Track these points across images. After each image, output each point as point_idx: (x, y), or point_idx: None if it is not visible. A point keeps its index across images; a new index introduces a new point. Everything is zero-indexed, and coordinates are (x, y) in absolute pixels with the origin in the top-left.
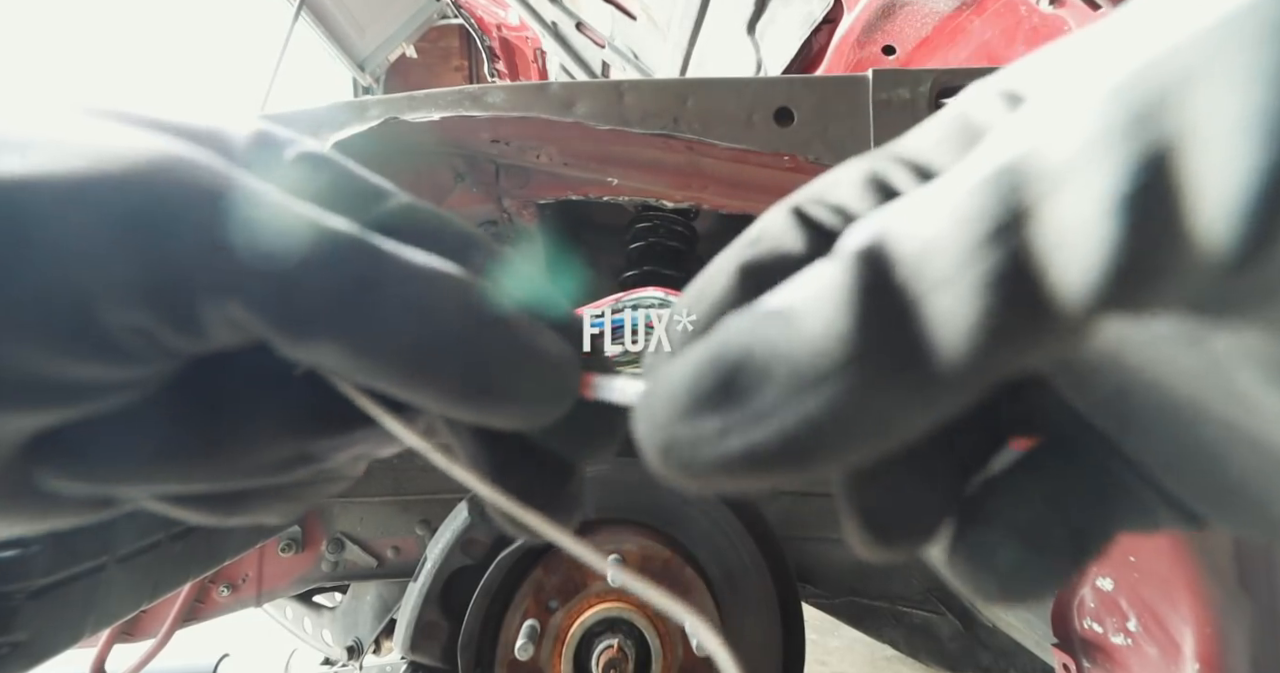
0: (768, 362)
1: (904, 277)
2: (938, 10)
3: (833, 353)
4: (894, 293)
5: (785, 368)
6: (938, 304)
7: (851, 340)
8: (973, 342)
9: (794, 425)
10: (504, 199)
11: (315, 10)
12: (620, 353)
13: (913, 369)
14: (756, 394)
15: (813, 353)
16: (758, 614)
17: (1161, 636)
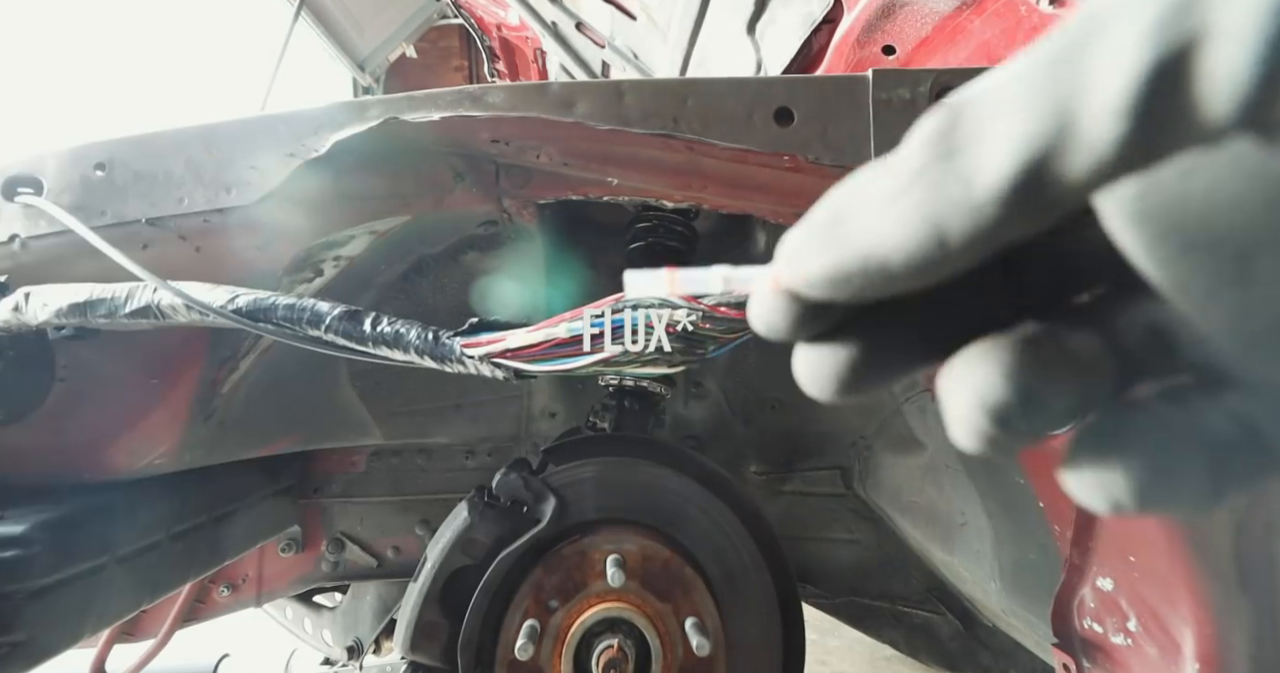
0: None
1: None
2: (938, 10)
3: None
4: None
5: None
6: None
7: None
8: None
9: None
10: (504, 199)
11: (315, 10)
12: (620, 353)
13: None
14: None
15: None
16: (758, 614)
17: (1161, 636)
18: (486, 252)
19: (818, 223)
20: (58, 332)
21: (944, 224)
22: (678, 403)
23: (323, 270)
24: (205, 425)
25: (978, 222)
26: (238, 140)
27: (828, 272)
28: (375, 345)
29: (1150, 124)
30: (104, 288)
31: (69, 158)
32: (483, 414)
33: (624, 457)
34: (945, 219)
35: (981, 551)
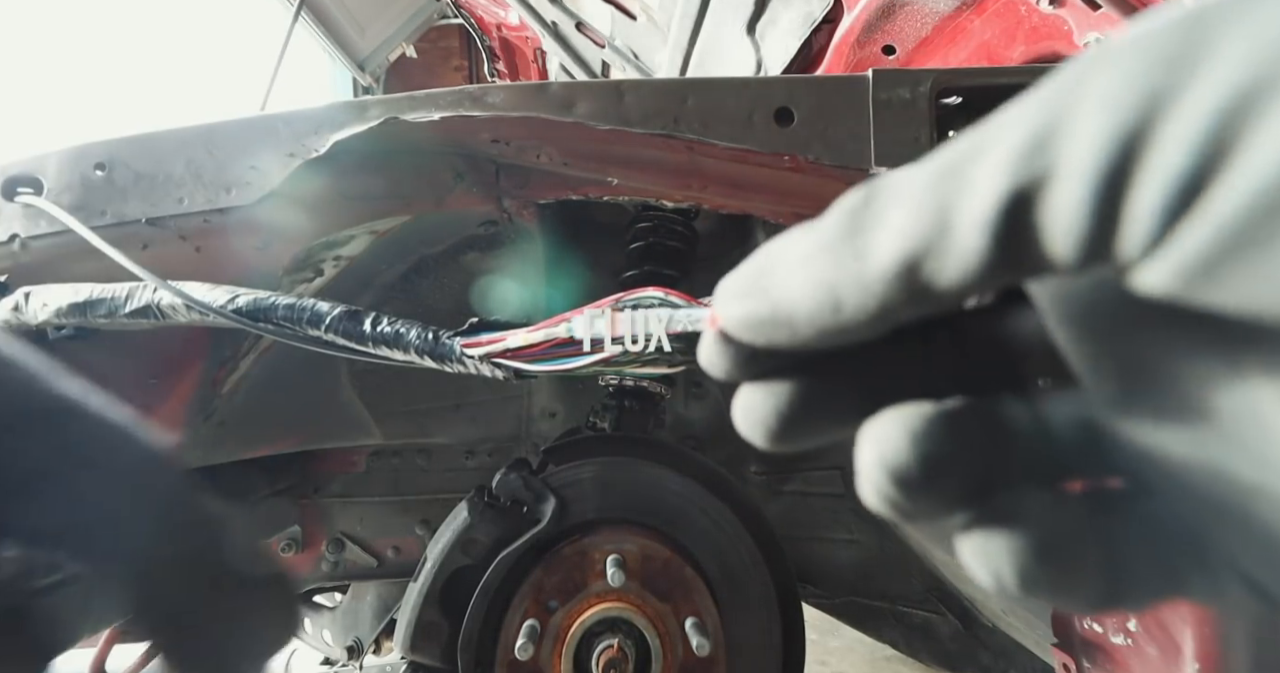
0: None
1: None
2: (938, 10)
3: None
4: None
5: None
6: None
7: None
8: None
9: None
10: (504, 199)
11: (315, 10)
12: (620, 353)
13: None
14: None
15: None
16: (758, 614)
17: (1161, 636)
18: (486, 252)
19: (748, 271)
20: (58, 332)
21: (839, 294)
22: (678, 403)
23: (323, 270)
24: (205, 425)
25: (866, 297)
26: (238, 140)
27: (745, 317)
28: (375, 345)
29: (1009, 246)
30: (104, 288)
31: (69, 158)
32: (483, 414)
33: (624, 457)
34: (841, 289)
35: None
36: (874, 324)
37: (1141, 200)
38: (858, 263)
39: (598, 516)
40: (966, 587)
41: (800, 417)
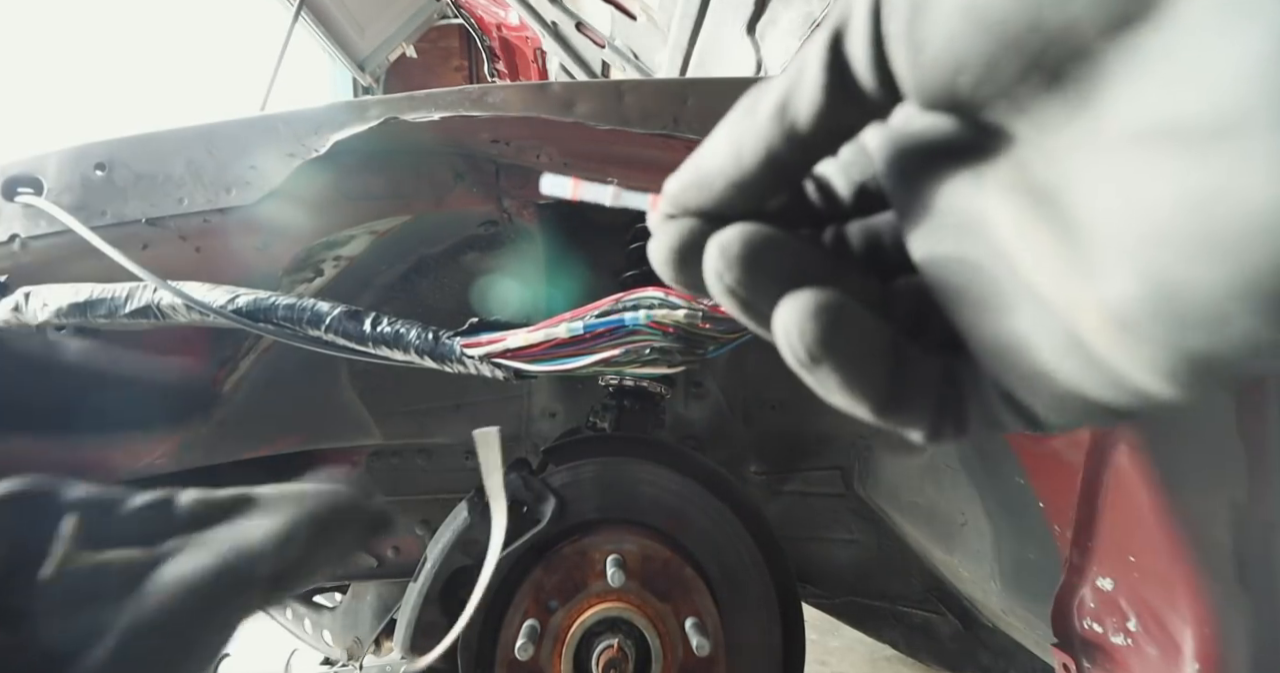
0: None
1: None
2: None
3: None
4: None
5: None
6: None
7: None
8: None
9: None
10: (504, 199)
11: (315, 10)
12: (620, 353)
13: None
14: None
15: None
16: (758, 614)
17: (1161, 636)
18: (486, 252)
19: (680, 170)
20: (58, 332)
21: (739, 145)
22: (678, 403)
23: (323, 270)
24: (205, 425)
25: (756, 142)
26: (238, 140)
27: (677, 187)
28: (375, 345)
29: (836, 77)
30: (104, 288)
31: (69, 158)
32: (483, 414)
33: (624, 457)
34: (740, 141)
35: (981, 551)
36: (765, 167)
37: (890, 26)
38: (750, 118)
39: (598, 515)
40: (966, 587)
41: (700, 245)
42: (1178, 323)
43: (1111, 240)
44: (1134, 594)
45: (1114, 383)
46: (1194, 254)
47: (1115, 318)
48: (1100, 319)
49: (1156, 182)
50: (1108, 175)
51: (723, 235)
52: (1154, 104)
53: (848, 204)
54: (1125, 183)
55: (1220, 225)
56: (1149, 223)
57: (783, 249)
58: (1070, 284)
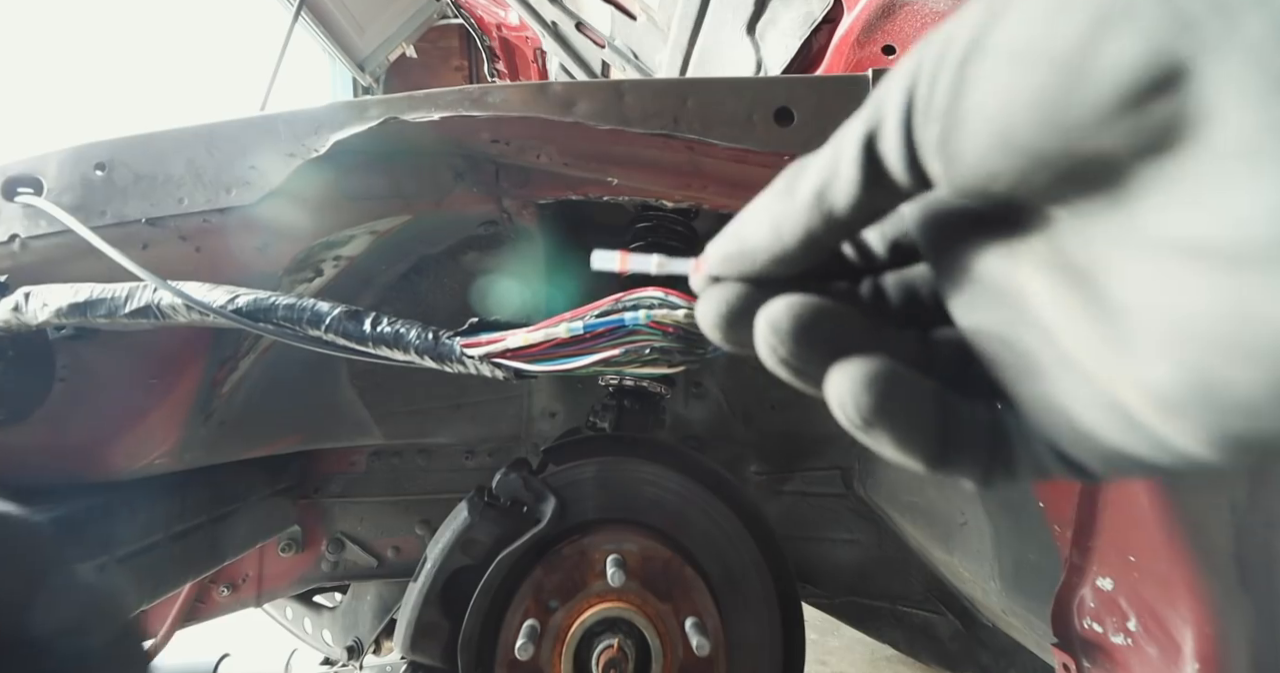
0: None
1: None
2: (938, 10)
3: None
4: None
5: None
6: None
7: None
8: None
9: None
10: (504, 199)
11: (315, 10)
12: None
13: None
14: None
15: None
16: (758, 614)
17: (1161, 636)
18: (486, 252)
19: (725, 230)
20: (58, 332)
21: (779, 223)
22: (678, 403)
23: (323, 270)
24: (205, 425)
25: (795, 222)
26: (238, 140)
27: (720, 255)
28: (375, 345)
29: (870, 170)
30: (104, 288)
31: (69, 158)
32: (483, 414)
33: (624, 457)
34: (780, 220)
35: (981, 550)
36: (804, 246)
37: (922, 135)
38: (790, 199)
39: (598, 515)
40: (966, 587)
41: (747, 310)
42: (1218, 410)
43: (1152, 331)
44: (1134, 594)
45: (1160, 447)
46: (1231, 358)
47: (1157, 397)
48: (1143, 396)
49: (1194, 288)
50: (1146, 272)
51: (771, 309)
52: (1188, 220)
53: (883, 258)
54: (1164, 283)
55: (1254, 338)
56: (1188, 323)
57: (829, 319)
58: (1111, 359)
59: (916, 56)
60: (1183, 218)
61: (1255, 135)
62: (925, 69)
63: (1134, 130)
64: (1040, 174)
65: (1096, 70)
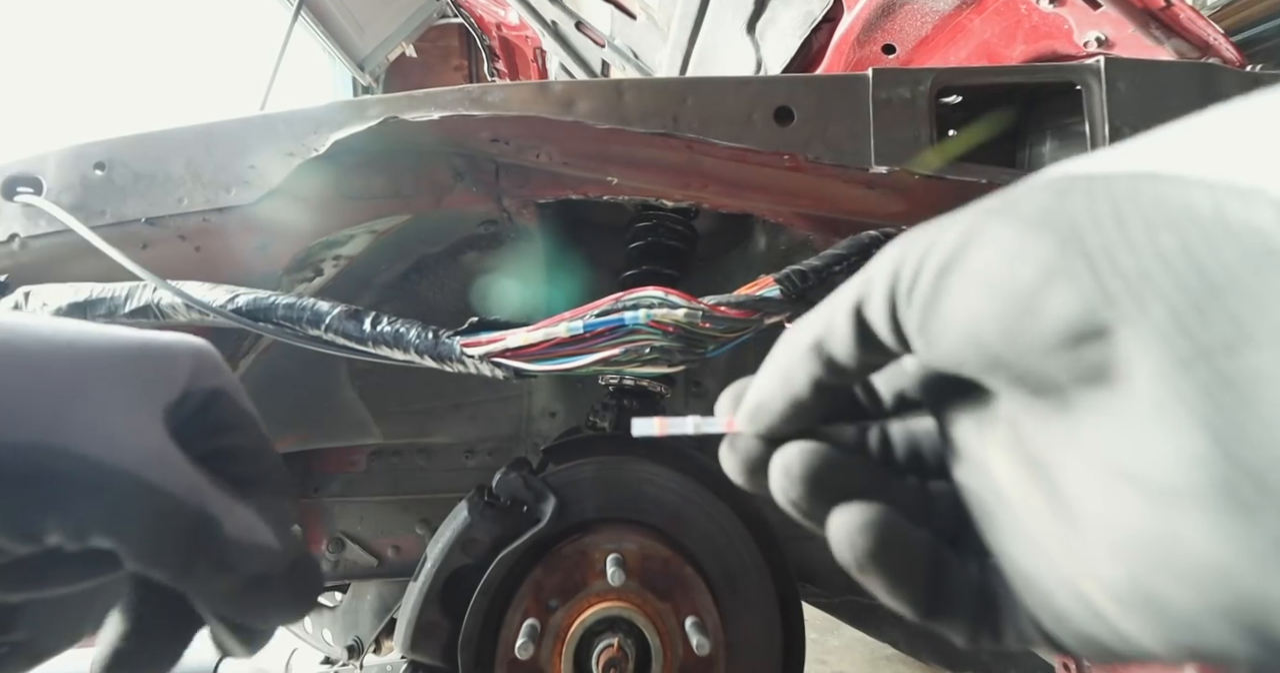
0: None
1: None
2: (937, 9)
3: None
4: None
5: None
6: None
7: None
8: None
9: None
10: (504, 199)
11: (315, 10)
12: (620, 352)
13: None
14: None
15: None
16: (758, 614)
17: None
18: (486, 251)
19: (736, 391)
20: None
21: (788, 375)
22: (678, 402)
23: (323, 270)
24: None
25: (800, 372)
26: (237, 140)
27: (744, 414)
28: (375, 345)
29: (860, 330)
30: (104, 288)
31: (69, 157)
32: (483, 414)
33: (624, 456)
34: (789, 373)
35: None
36: (813, 390)
37: (903, 314)
38: (794, 353)
39: (598, 515)
40: None
41: (767, 457)
42: (1164, 620)
43: (1101, 535)
44: None
45: (1126, 643)
46: (1164, 576)
47: (1113, 595)
48: (1100, 591)
49: (1132, 508)
50: (1093, 480)
51: (785, 455)
52: (1118, 447)
53: (889, 406)
54: (1108, 495)
55: (1183, 564)
56: (1129, 538)
57: (835, 467)
58: (1070, 550)
59: (902, 249)
60: (1117, 445)
61: (1166, 396)
62: (909, 264)
63: (1072, 364)
64: (1000, 372)
65: (1043, 312)
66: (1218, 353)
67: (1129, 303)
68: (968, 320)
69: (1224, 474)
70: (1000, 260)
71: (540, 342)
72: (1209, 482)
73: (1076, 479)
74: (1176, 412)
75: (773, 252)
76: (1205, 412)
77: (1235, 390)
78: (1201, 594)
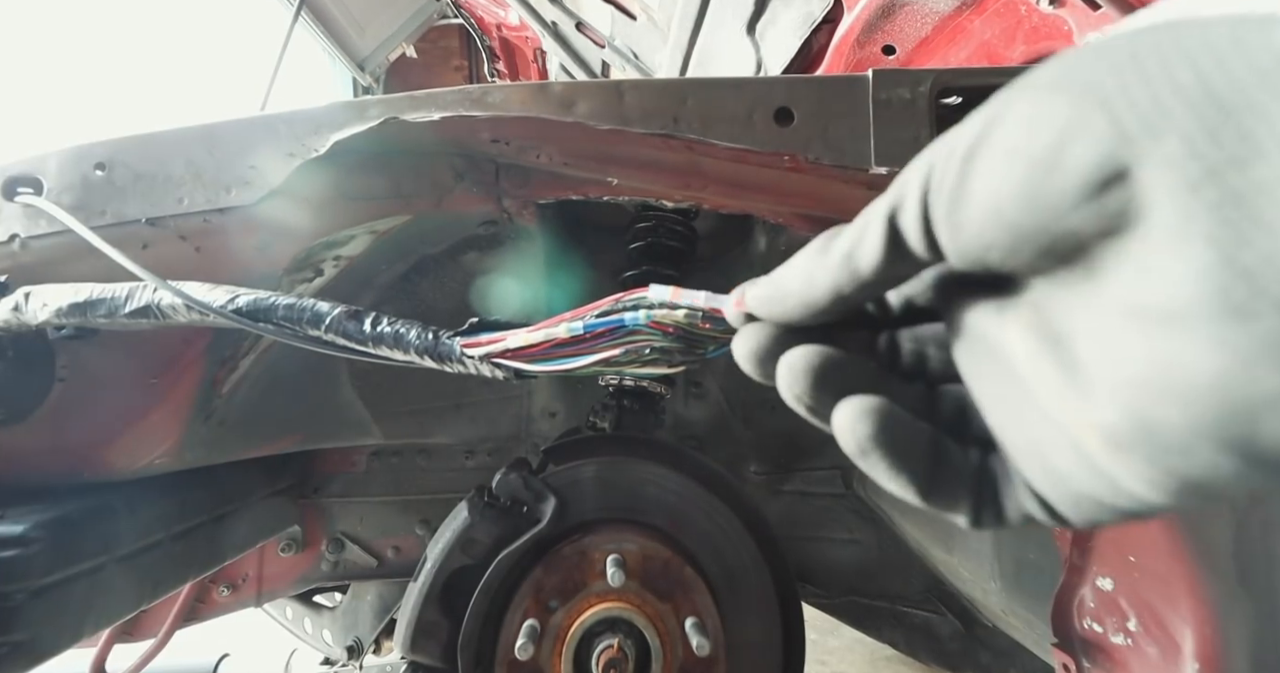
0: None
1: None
2: (937, 10)
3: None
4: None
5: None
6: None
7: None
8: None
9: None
10: (504, 199)
11: (315, 10)
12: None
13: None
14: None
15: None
16: (758, 614)
17: (1161, 636)
18: (487, 252)
19: (766, 276)
20: (58, 332)
21: (813, 276)
22: (678, 403)
23: (323, 270)
24: (205, 425)
25: (826, 276)
26: (238, 140)
27: (758, 296)
28: (375, 345)
29: (892, 237)
30: (104, 288)
31: (69, 158)
32: (483, 414)
33: (624, 457)
34: (814, 274)
35: (981, 551)
36: (831, 299)
37: (935, 211)
38: (823, 258)
39: (598, 515)
40: (966, 587)
41: (775, 351)
42: (1158, 449)
43: (1104, 380)
44: (1134, 594)
45: (1117, 490)
46: (1162, 402)
47: (1110, 439)
48: (1099, 439)
49: (1137, 343)
50: (1103, 333)
51: (791, 356)
52: (1137, 288)
53: (898, 313)
54: (1116, 340)
55: (1178, 384)
56: (1131, 373)
57: (840, 367)
58: (1074, 406)
59: (932, 150)
60: (1133, 286)
61: (1177, 221)
62: (939, 159)
63: (1095, 215)
64: (1026, 247)
65: (1063, 168)
66: (1228, 171)
67: (1145, 139)
68: (993, 196)
69: (1224, 283)
70: (1019, 129)
71: (540, 342)
72: (1210, 292)
73: (1090, 337)
74: (1187, 234)
75: (773, 252)
76: (1211, 228)
77: (1242, 203)
78: (1195, 412)
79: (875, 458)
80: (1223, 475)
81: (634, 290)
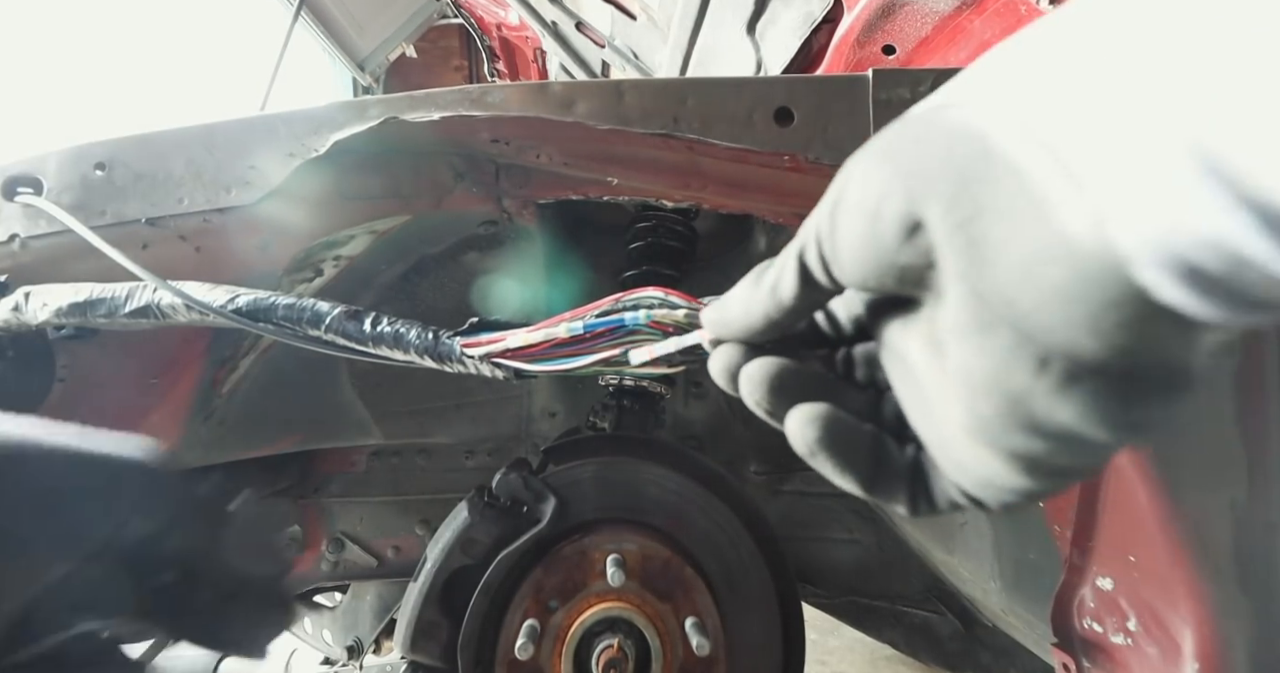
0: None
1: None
2: (938, 10)
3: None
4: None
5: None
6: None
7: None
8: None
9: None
10: (504, 199)
11: (315, 10)
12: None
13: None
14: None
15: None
16: (758, 614)
17: (1161, 636)
18: (486, 252)
19: (718, 300)
20: (58, 332)
21: (748, 306)
22: (678, 403)
23: (323, 270)
24: (205, 425)
25: (756, 305)
26: (238, 140)
27: (710, 326)
28: (375, 345)
29: (804, 274)
30: (104, 288)
31: (69, 158)
32: (483, 414)
33: (624, 457)
34: (748, 303)
35: (981, 551)
36: (765, 324)
37: (823, 248)
38: (755, 289)
39: (597, 515)
40: (966, 587)
41: (738, 368)
42: (990, 435)
43: (953, 383)
44: (1134, 594)
45: (995, 473)
46: (975, 396)
47: (965, 430)
48: (961, 431)
49: (954, 352)
50: (946, 343)
51: (750, 367)
52: (943, 309)
53: (850, 332)
54: (950, 349)
55: (977, 383)
56: (960, 376)
57: (793, 376)
58: (949, 407)
59: (824, 197)
60: (951, 307)
61: (945, 261)
62: (824, 209)
63: (913, 253)
64: (886, 277)
65: (884, 219)
66: (968, 224)
67: (924, 200)
68: (849, 240)
69: (973, 306)
70: (857, 189)
71: (540, 342)
72: (968, 314)
73: (947, 346)
74: (953, 270)
75: (773, 252)
76: (962, 266)
77: (975, 246)
78: (994, 404)
79: (822, 458)
80: (1044, 453)
81: (634, 290)
